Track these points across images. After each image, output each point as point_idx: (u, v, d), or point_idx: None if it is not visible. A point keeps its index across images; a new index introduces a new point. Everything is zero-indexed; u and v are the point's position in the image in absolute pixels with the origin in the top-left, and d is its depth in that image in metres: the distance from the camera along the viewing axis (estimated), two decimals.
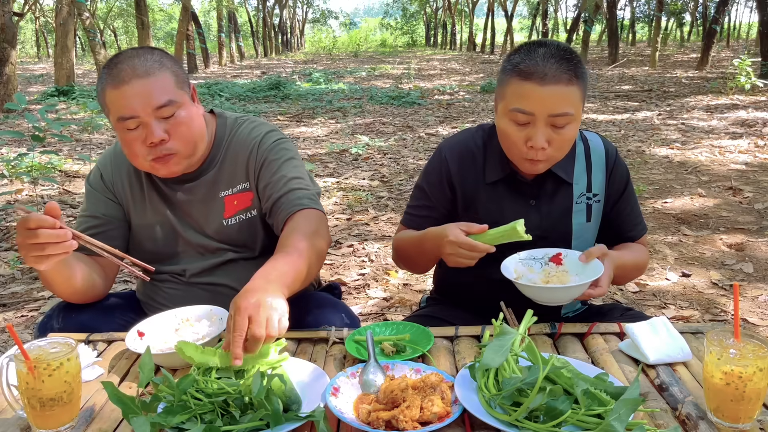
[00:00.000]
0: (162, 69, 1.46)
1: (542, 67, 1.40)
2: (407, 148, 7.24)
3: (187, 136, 1.49)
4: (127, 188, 1.64)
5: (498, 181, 1.61)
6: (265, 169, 1.59)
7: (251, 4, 42.28)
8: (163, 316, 1.44)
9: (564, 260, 1.46)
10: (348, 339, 1.36)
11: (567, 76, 1.41)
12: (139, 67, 1.44)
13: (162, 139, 1.45)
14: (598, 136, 1.68)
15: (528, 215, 1.61)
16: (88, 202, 1.65)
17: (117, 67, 1.44)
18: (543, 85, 1.40)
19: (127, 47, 18.46)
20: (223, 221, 1.61)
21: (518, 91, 1.43)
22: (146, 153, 1.47)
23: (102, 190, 1.64)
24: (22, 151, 4.21)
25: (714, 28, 15.38)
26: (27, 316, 3.05)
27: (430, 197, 1.66)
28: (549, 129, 1.44)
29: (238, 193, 1.62)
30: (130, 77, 1.43)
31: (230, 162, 1.62)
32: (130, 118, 1.43)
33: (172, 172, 1.53)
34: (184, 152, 1.50)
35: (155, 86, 1.44)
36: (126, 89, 1.42)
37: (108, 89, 1.45)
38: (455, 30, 41.90)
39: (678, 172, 5.69)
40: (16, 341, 1.05)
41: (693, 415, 1.06)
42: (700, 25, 34.44)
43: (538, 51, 1.43)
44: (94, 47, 14.59)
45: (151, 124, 1.44)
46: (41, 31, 41.86)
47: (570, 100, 1.42)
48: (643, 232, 1.71)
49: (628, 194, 1.67)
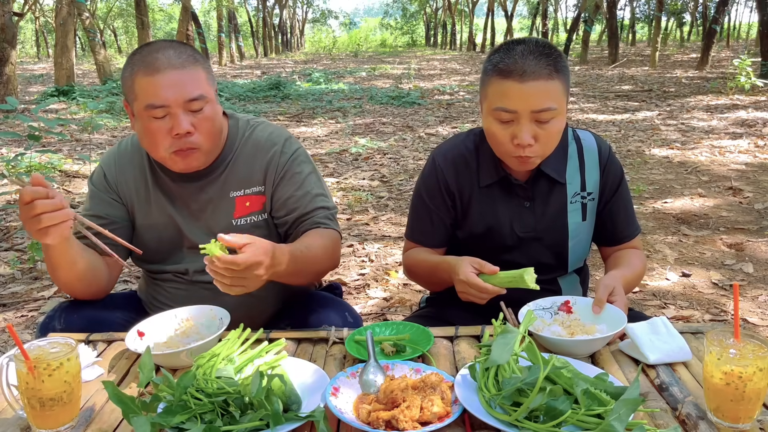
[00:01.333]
0: (196, 64, 1.49)
1: (521, 64, 1.41)
2: (407, 148, 7.24)
3: (212, 131, 1.51)
4: (132, 188, 1.64)
5: (492, 184, 1.61)
6: (288, 180, 1.62)
7: (251, 4, 42.34)
8: (163, 316, 1.44)
9: (574, 308, 1.43)
10: (348, 339, 1.36)
11: (547, 71, 1.41)
12: (174, 59, 1.45)
13: (188, 132, 1.46)
14: (591, 134, 1.68)
15: (523, 217, 1.61)
16: (91, 202, 1.65)
17: (152, 56, 1.45)
18: (523, 81, 1.40)
19: (127, 47, 18.40)
20: (232, 221, 1.61)
21: (499, 89, 1.44)
22: (169, 144, 1.48)
23: (105, 190, 1.64)
24: (22, 151, 4.21)
25: (714, 28, 15.39)
26: (27, 316, 3.05)
27: (432, 209, 1.66)
28: (534, 125, 1.44)
29: (251, 195, 1.62)
30: (165, 67, 1.44)
31: (244, 163, 1.62)
32: (160, 107, 1.44)
33: (190, 166, 1.54)
34: (205, 147, 1.52)
35: (189, 79, 1.46)
36: (160, 78, 1.43)
37: (139, 75, 1.45)
38: (455, 30, 41.90)
39: (678, 172, 5.69)
40: (16, 341, 1.05)
41: (693, 415, 1.06)
42: (700, 25, 34.44)
43: (516, 48, 1.44)
44: (94, 47, 14.61)
45: (179, 115, 1.45)
46: (41, 31, 41.86)
47: (552, 94, 1.42)
48: (637, 233, 1.71)
49: (622, 193, 1.66)
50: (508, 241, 1.62)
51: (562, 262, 1.66)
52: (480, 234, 1.64)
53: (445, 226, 1.67)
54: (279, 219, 1.63)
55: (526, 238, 1.62)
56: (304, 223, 1.60)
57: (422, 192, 1.68)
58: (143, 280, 1.78)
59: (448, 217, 1.66)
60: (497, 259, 1.64)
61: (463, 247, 1.68)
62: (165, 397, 1.05)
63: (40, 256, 3.56)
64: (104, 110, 9.85)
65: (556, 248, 1.64)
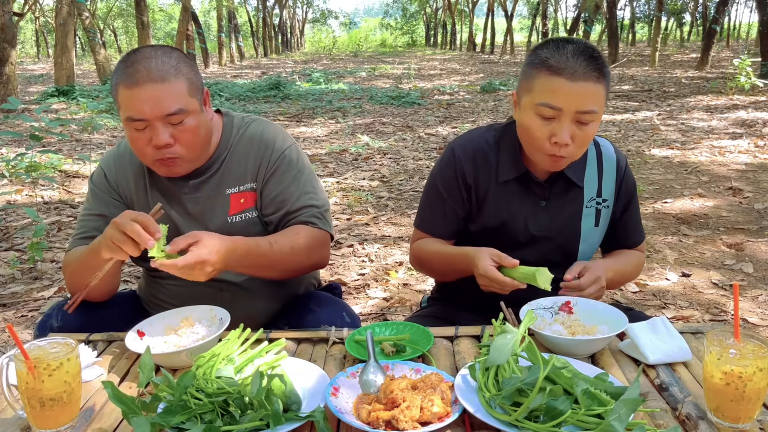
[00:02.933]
0: (177, 75, 1.46)
1: (573, 64, 1.41)
2: (407, 148, 7.24)
3: (192, 143, 1.50)
4: (132, 187, 1.64)
5: (510, 180, 1.61)
6: (277, 177, 1.61)
7: (251, 4, 42.31)
8: (163, 315, 1.44)
9: (575, 308, 1.43)
10: (348, 339, 1.36)
11: (596, 74, 1.42)
12: (154, 71, 1.43)
13: (167, 144, 1.46)
14: (609, 143, 1.69)
15: (537, 215, 1.61)
16: (93, 202, 1.65)
17: (133, 67, 1.44)
18: (573, 81, 1.40)
19: (127, 47, 18.34)
20: (227, 218, 1.61)
21: (548, 85, 1.43)
22: (151, 153, 1.48)
23: (106, 190, 1.65)
24: (22, 151, 4.21)
25: (714, 28, 15.38)
26: (27, 316, 3.04)
27: (447, 199, 1.65)
28: (574, 125, 1.44)
29: (245, 191, 1.62)
30: (144, 80, 1.42)
31: (238, 160, 1.62)
32: (138, 120, 1.44)
33: (173, 173, 1.54)
34: (187, 157, 1.52)
35: (168, 93, 1.44)
36: (139, 92, 1.42)
37: (121, 87, 1.45)
38: (455, 30, 41.90)
39: (678, 172, 5.69)
40: (16, 341, 1.05)
41: (693, 415, 1.06)
42: (700, 25, 34.44)
43: (567, 47, 1.43)
44: (94, 47, 14.61)
45: (158, 128, 1.44)
46: (41, 31, 41.86)
47: (597, 97, 1.43)
48: (642, 240, 1.74)
49: (634, 205, 1.70)
50: (521, 238, 1.62)
51: (570, 264, 1.66)
52: (493, 228, 1.63)
53: (457, 217, 1.66)
54: (267, 216, 1.63)
55: (538, 236, 1.62)
56: (291, 221, 1.60)
57: (437, 182, 1.66)
58: (143, 279, 1.78)
59: (462, 210, 1.65)
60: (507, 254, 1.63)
61: (473, 241, 1.66)
62: (165, 397, 1.05)
63: (40, 257, 3.56)
64: (104, 110, 9.85)
65: (566, 249, 1.65)
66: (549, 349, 1.31)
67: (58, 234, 4.27)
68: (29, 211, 3.62)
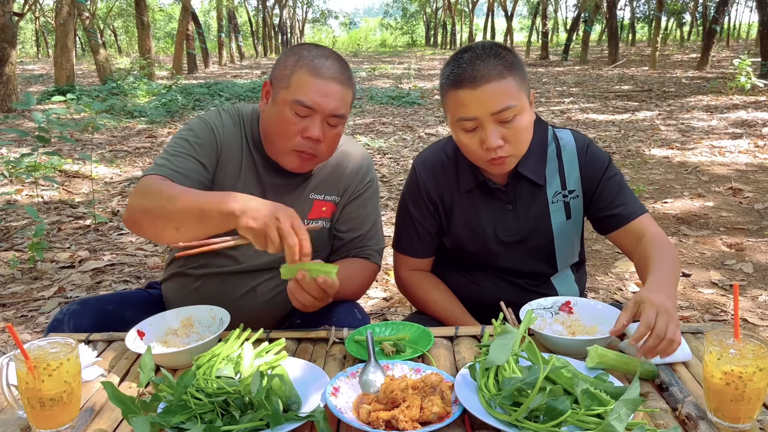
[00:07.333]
0: (350, 86, 1.54)
1: (470, 71, 1.41)
2: (407, 148, 7.25)
3: (332, 145, 1.57)
4: (231, 157, 1.60)
5: (472, 189, 1.62)
6: (362, 200, 1.70)
7: (251, 4, 42.32)
8: (163, 316, 1.44)
9: (575, 308, 1.44)
10: (348, 339, 1.36)
11: (497, 72, 1.41)
12: (338, 73, 1.49)
13: (318, 139, 1.49)
14: (569, 131, 1.66)
15: (505, 221, 1.61)
16: (197, 146, 1.55)
17: (320, 60, 1.49)
18: (476, 87, 1.41)
19: (127, 47, 18.11)
20: (305, 220, 1.64)
21: (456, 100, 1.45)
22: (296, 142, 1.49)
23: (209, 143, 1.57)
24: (23, 151, 4.21)
25: (714, 28, 15.39)
26: (27, 316, 3.05)
27: (418, 218, 1.67)
28: (499, 126, 1.43)
29: (328, 201, 1.67)
30: (328, 76, 1.48)
31: (331, 171, 1.67)
32: (307, 107, 1.47)
33: (301, 168, 1.56)
34: (323, 156, 1.56)
35: (343, 94, 1.50)
36: (321, 83, 1.47)
37: (302, 71, 1.48)
38: (455, 30, 41.91)
39: (678, 172, 5.69)
40: (16, 341, 1.05)
41: (693, 415, 1.06)
42: (700, 25, 34.44)
43: (463, 57, 1.45)
44: (94, 47, 14.61)
45: (316, 122, 1.48)
46: (41, 31, 41.85)
47: (507, 93, 1.42)
48: (641, 211, 1.58)
49: (609, 176, 1.60)
50: (492, 246, 1.63)
51: (551, 263, 1.66)
52: (464, 240, 1.65)
53: (431, 234, 1.68)
54: (339, 232, 1.69)
55: (509, 242, 1.62)
56: (358, 248, 1.69)
57: (407, 202, 1.69)
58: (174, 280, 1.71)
59: (434, 226, 1.67)
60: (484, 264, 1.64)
61: (450, 255, 1.70)
62: (165, 397, 1.05)
63: (40, 257, 3.56)
64: (104, 110, 9.85)
65: (543, 249, 1.64)
66: (549, 349, 1.31)
67: (58, 234, 4.27)
68: (30, 210, 3.62)
